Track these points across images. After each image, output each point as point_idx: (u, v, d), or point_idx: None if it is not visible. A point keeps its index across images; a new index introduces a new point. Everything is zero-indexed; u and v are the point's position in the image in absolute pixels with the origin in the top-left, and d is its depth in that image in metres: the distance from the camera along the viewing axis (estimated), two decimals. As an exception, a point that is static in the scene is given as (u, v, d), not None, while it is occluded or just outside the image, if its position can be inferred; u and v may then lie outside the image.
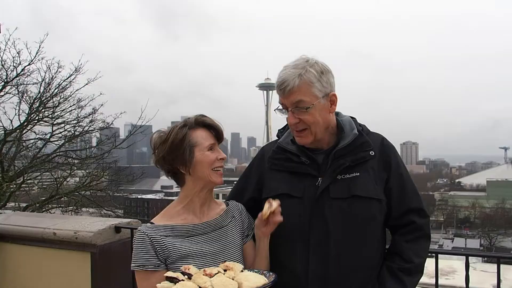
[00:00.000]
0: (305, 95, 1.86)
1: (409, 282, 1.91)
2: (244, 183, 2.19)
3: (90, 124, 11.86)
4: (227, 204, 2.06)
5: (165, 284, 1.62)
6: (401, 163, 2.04)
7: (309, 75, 1.86)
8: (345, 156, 1.94)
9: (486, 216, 74.85)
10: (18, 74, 10.81)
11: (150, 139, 1.95)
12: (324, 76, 1.89)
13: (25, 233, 3.73)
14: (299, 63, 1.89)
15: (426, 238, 2.00)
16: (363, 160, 1.95)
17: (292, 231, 1.92)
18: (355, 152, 1.95)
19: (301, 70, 1.86)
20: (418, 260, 1.95)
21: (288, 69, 1.89)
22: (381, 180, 1.96)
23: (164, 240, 1.78)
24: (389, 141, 2.07)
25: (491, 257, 2.67)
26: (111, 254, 3.48)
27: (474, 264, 5.64)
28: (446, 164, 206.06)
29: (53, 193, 11.33)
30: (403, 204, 1.98)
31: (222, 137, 1.96)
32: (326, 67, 1.93)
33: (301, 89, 1.85)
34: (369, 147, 1.96)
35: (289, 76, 1.86)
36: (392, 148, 2.05)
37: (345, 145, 1.95)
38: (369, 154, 1.96)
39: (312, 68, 1.87)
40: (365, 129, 2.07)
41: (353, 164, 1.93)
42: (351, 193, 1.90)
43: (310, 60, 1.90)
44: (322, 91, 1.89)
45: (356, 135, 1.97)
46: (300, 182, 1.96)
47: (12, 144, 11.22)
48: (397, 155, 2.06)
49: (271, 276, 1.73)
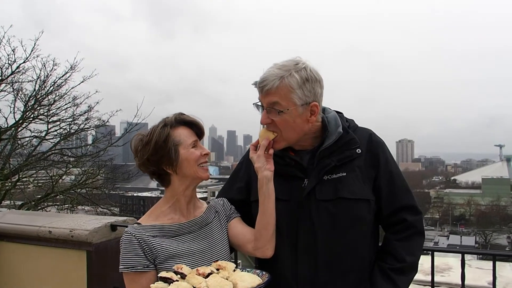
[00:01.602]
0: (282, 98, 1.80)
1: (401, 281, 1.86)
2: (233, 184, 2.16)
3: (86, 122, 11.89)
4: (208, 202, 2.05)
5: (159, 284, 1.61)
6: (390, 159, 1.97)
7: (291, 80, 1.79)
8: (330, 156, 1.88)
9: (481, 213, 75.08)
10: (13, 72, 10.80)
11: (130, 144, 1.92)
12: (308, 84, 1.81)
13: (21, 232, 3.71)
14: (287, 65, 1.82)
15: (419, 235, 1.93)
16: (350, 158, 1.89)
17: (280, 235, 1.90)
18: (341, 150, 1.89)
19: (285, 72, 1.79)
20: (411, 259, 1.89)
21: (273, 68, 1.82)
22: (369, 178, 1.90)
23: (151, 241, 1.77)
24: (378, 137, 2.00)
25: (487, 255, 2.68)
26: (107, 252, 3.47)
27: (469, 261, 5.67)
28: (441, 162, 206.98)
29: (49, 191, 11.33)
30: (394, 202, 1.92)
31: (203, 133, 1.95)
32: (315, 76, 1.84)
33: (279, 92, 1.79)
34: (355, 145, 1.90)
35: (270, 76, 1.80)
36: (380, 144, 1.97)
37: (330, 145, 1.89)
38: (356, 152, 1.89)
39: (297, 74, 1.79)
40: (352, 124, 2.00)
41: (339, 163, 1.88)
42: (337, 195, 1.85)
43: (300, 64, 1.82)
44: (302, 99, 1.81)
45: (341, 133, 1.90)
46: (286, 185, 1.92)
47: (7, 142, 11.19)
48: (386, 151, 1.97)
49: (265, 275, 1.72)
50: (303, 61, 1.85)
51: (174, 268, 1.66)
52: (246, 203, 2.06)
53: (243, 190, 2.09)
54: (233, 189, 2.14)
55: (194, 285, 1.58)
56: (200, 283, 1.58)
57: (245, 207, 2.06)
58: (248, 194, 2.06)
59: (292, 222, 1.88)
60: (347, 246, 1.86)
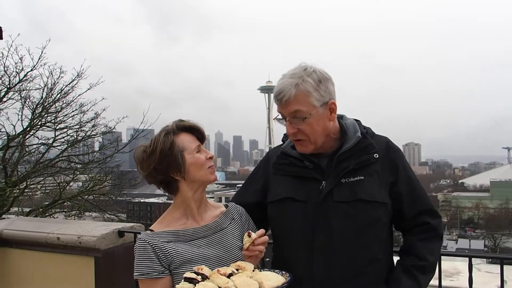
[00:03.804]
0: (302, 105, 1.84)
1: (423, 280, 1.90)
2: (249, 187, 2.20)
3: (93, 129, 11.95)
4: (226, 206, 2.07)
5: (184, 285, 1.61)
6: (407, 165, 2.02)
7: (306, 85, 1.84)
8: (348, 159, 1.92)
9: (490, 216, 74.52)
10: (20, 80, 10.89)
11: (133, 157, 1.93)
12: (322, 84, 1.87)
13: (29, 238, 3.74)
14: (297, 72, 1.87)
15: (439, 238, 1.99)
16: (367, 163, 1.92)
17: (296, 235, 1.92)
18: (359, 155, 1.93)
19: (298, 79, 1.84)
20: (432, 259, 1.95)
21: (285, 79, 1.87)
22: (385, 183, 1.93)
23: (166, 246, 1.78)
24: (395, 144, 2.05)
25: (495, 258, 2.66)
26: (115, 259, 3.48)
27: (478, 265, 5.62)
28: (449, 165, 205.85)
29: (56, 198, 11.39)
30: (415, 206, 1.97)
31: (205, 137, 1.97)
32: (325, 75, 1.89)
33: (298, 100, 1.84)
34: (373, 150, 1.94)
35: (285, 86, 1.84)
36: (398, 151, 2.03)
37: (349, 148, 1.93)
38: (373, 156, 1.93)
39: (310, 78, 1.85)
40: (370, 131, 2.04)
41: (357, 167, 1.91)
42: (356, 196, 1.88)
43: (308, 69, 1.87)
44: (320, 100, 1.86)
45: (359, 138, 1.95)
46: (304, 186, 1.95)
47: (15, 150, 11.28)
48: (403, 158, 2.03)
49: (285, 274, 1.74)
50: (310, 64, 1.90)
51: (194, 269, 1.66)
52: (261, 206, 2.09)
53: (259, 192, 2.12)
54: (249, 192, 2.18)
55: (220, 285, 1.58)
56: (226, 283, 1.58)
57: (259, 212, 2.09)
58: (264, 196, 2.08)
59: (308, 223, 1.90)
60: (363, 247, 1.88)
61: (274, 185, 2.05)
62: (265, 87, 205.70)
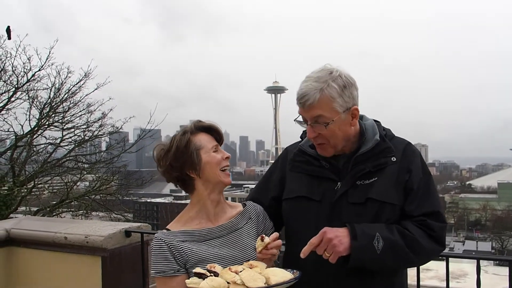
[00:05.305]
0: (325, 110, 1.84)
1: (399, 240, 1.79)
2: (267, 182, 2.21)
3: (100, 129, 12.02)
4: (244, 205, 2.08)
5: (194, 279, 1.64)
6: (424, 167, 1.98)
7: (331, 90, 1.82)
8: (365, 162, 1.92)
9: (497, 218, 73.97)
10: (28, 80, 10.97)
11: (152, 155, 1.99)
12: (347, 90, 1.86)
13: (37, 238, 3.76)
14: (322, 76, 1.85)
15: (434, 239, 1.87)
16: (384, 166, 1.91)
17: (309, 234, 1.89)
18: (376, 157, 1.92)
19: (323, 84, 1.82)
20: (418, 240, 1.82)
21: (310, 82, 1.85)
22: (401, 183, 1.91)
23: (181, 245, 1.82)
24: (414, 147, 2.03)
25: (503, 261, 2.64)
26: (122, 258, 3.50)
27: (485, 267, 5.58)
28: (456, 166, 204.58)
29: (64, 198, 11.46)
30: (421, 207, 1.90)
31: (222, 138, 2.01)
32: (350, 80, 1.88)
33: (321, 105, 1.83)
34: (391, 153, 1.93)
35: (310, 90, 1.82)
36: (416, 153, 2.00)
37: (366, 151, 1.93)
38: (391, 160, 1.92)
39: (335, 83, 1.83)
40: (389, 133, 2.03)
41: (374, 170, 1.91)
42: (367, 195, 1.88)
43: (334, 73, 1.86)
44: (344, 106, 1.85)
45: (378, 141, 1.94)
46: (319, 186, 1.96)
47: (23, 149, 11.37)
48: (420, 159, 1.99)
49: (296, 272, 1.74)
50: (335, 68, 1.89)
51: (207, 267, 1.69)
52: (278, 201, 2.09)
53: (277, 187, 2.13)
54: (267, 187, 2.18)
55: (228, 279, 1.61)
56: (234, 277, 1.62)
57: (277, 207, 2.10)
58: (282, 191, 2.09)
59: (322, 222, 1.88)
60: None
61: (290, 181, 2.06)
62: (272, 88, 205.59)
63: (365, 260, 1.78)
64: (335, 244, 1.74)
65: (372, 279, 1.88)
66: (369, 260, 1.78)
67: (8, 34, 9.27)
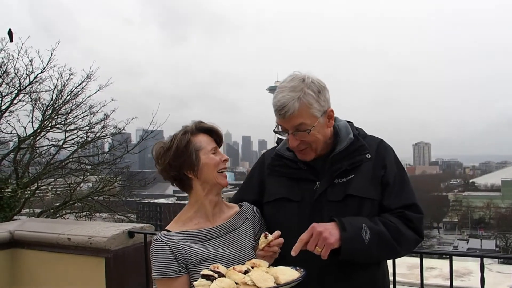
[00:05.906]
0: (305, 118, 1.89)
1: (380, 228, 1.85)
2: (246, 188, 2.25)
3: (102, 130, 12.01)
4: (240, 206, 2.10)
5: (202, 281, 1.63)
6: (397, 162, 2.05)
7: (308, 97, 1.87)
8: (342, 160, 1.97)
9: (501, 216, 73.70)
10: (31, 82, 10.98)
11: (151, 151, 2.00)
12: (321, 94, 1.92)
13: (40, 239, 3.77)
14: (296, 85, 1.89)
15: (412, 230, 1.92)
16: (360, 163, 1.97)
17: (291, 234, 1.91)
18: (352, 156, 1.98)
19: (299, 92, 1.87)
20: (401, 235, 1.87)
21: (286, 92, 1.89)
22: (377, 178, 1.97)
23: (182, 246, 1.82)
24: (387, 143, 2.10)
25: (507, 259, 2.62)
26: (125, 259, 3.51)
27: (490, 265, 5.57)
28: (459, 164, 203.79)
29: (67, 199, 11.46)
30: (398, 200, 1.95)
31: (222, 140, 2.04)
32: (322, 84, 1.94)
33: (301, 113, 1.87)
34: (365, 151, 1.99)
35: (288, 100, 1.86)
36: (388, 149, 2.07)
37: (342, 150, 1.98)
38: (366, 157, 1.99)
39: (310, 89, 1.88)
40: (362, 132, 2.10)
41: (350, 168, 1.96)
42: (346, 192, 1.93)
43: (306, 80, 1.90)
44: (321, 110, 1.91)
45: (352, 139, 2.00)
46: (298, 187, 2.01)
47: (26, 151, 11.37)
48: (393, 155, 2.06)
49: (300, 270, 1.75)
50: (305, 74, 1.94)
51: (210, 268, 1.69)
52: (260, 205, 2.13)
53: (256, 194, 2.16)
54: (247, 193, 2.21)
55: (237, 281, 1.61)
56: (243, 278, 1.61)
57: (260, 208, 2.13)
58: (261, 196, 2.13)
59: (303, 222, 1.90)
60: None
61: (269, 186, 2.10)
62: (274, 87, 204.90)
63: (355, 250, 1.80)
64: (326, 236, 1.76)
65: (356, 273, 1.92)
66: (358, 250, 1.81)
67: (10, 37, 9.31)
